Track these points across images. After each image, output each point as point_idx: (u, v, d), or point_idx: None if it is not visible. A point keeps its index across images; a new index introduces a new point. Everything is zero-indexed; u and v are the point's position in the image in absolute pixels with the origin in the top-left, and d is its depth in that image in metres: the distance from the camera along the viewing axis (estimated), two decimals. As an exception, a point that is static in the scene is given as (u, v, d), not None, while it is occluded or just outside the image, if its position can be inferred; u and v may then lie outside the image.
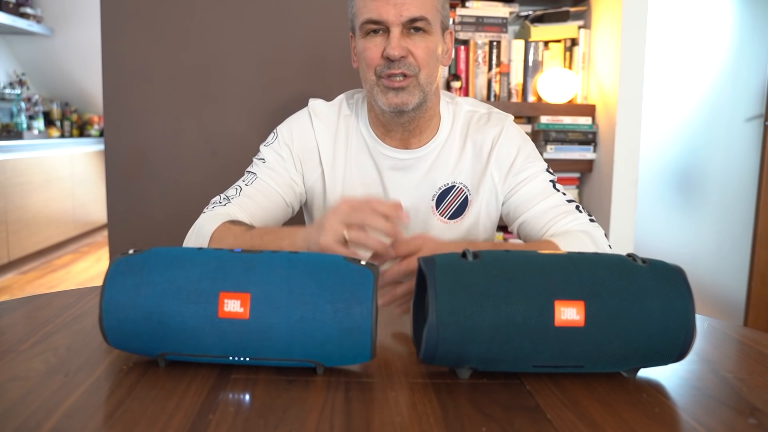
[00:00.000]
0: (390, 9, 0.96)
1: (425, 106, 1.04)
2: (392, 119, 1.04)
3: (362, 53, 1.01)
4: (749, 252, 2.46)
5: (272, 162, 1.09)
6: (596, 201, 2.33)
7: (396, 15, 0.96)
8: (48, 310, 0.86)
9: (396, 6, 0.96)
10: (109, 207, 1.75)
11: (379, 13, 0.97)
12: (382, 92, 1.01)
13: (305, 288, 0.63)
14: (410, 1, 0.96)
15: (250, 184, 1.07)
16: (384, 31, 0.99)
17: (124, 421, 0.55)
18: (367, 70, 1.01)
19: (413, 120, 1.05)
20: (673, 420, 0.59)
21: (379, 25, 0.98)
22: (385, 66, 0.99)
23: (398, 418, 0.57)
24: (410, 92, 1.00)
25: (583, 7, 2.37)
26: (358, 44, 1.02)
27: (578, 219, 1.04)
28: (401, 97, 1.00)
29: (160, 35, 1.70)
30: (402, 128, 1.06)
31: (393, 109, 1.01)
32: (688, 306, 0.65)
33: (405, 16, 0.97)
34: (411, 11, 0.97)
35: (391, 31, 0.97)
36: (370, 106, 1.08)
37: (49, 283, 3.60)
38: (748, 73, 2.47)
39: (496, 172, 1.09)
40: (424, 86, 1.01)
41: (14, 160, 3.70)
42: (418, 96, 1.01)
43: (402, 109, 1.01)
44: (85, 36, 4.62)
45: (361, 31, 1.00)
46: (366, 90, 1.05)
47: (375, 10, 0.97)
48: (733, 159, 2.56)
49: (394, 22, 0.97)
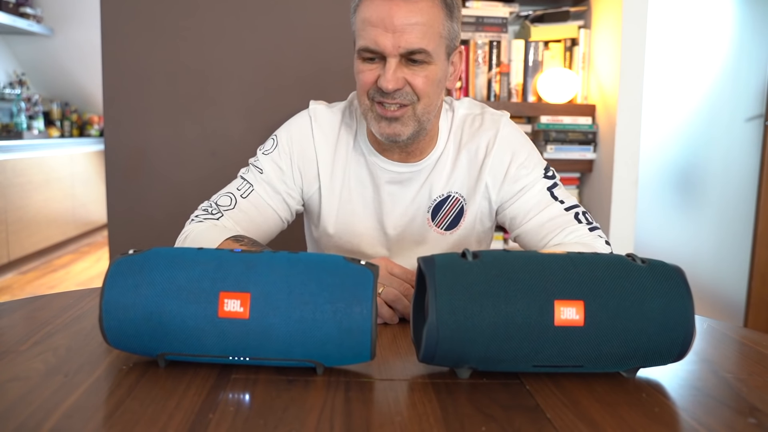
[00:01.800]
0: (388, 39, 0.89)
1: (422, 133, 0.99)
2: (388, 143, 1.00)
3: (357, 74, 0.96)
4: (749, 252, 2.46)
5: (270, 174, 1.05)
6: (596, 201, 2.33)
7: (393, 46, 0.90)
8: (48, 311, 0.86)
9: (395, 35, 0.89)
10: (109, 207, 1.75)
11: (376, 42, 0.90)
12: (375, 119, 0.96)
13: (305, 288, 0.63)
14: (410, 30, 0.89)
15: (245, 196, 1.03)
16: (380, 59, 0.93)
17: (124, 421, 0.55)
18: (361, 93, 0.96)
19: (410, 144, 1.01)
20: (673, 420, 0.59)
21: (376, 54, 0.92)
22: (377, 92, 0.93)
23: (398, 418, 0.57)
24: (404, 123, 0.95)
25: (583, 7, 2.37)
26: (355, 63, 0.97)
27: (576, 231, 1.00)
28: (394, 127, 0.95)
29: (160, 35, 1.70)
30: (399, 150, 1.03)
31: (385, 138, 0.97)
32: (687, 306, 0.65)
33: (403, 47, 0.90)
34: (410, 42, 0.90)
35: (388, 61, 0.91)
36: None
37: (49, 283, 3.60)
38: (748, 73, 2.47)
39: (490, 179, 1.06)
40: (420, 116, 0.95)
41: (14, 160, 3.70)
42: (413, 127, 0.95)
43: (395, 140, 0.96)
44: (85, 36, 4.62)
45: (358, 55, 0.95)
46: (361, 111, 1.00)
47: (372, 37, 0.90)
48: (733, 159, 2.56)
49: (391, 53, 0.90)
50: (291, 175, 1.07)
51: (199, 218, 1.02)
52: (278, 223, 1.07)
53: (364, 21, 0.92)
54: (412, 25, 0.89)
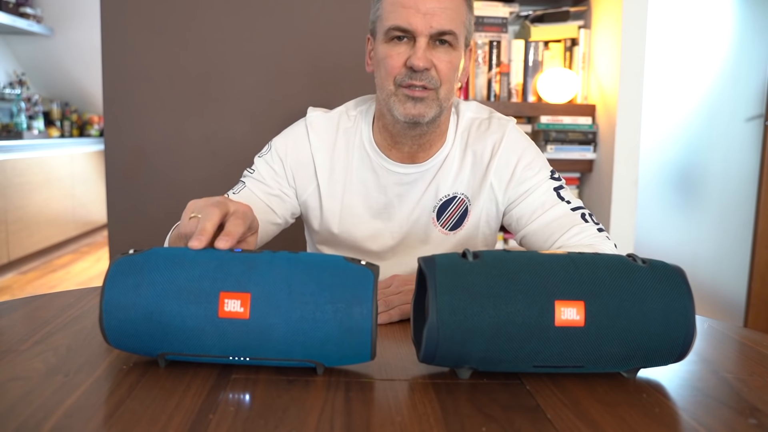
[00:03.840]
0: (420, 18, 0.93)
1: (439, 121, 1.01)
2: (404, 131, 1.01)
3: (383, 59, 0.98)
4: (749, 252, 2.46)
5: (263, 173, 1.08)
6: (596, 201, 2.33)
7: (425, 25, 0.93)
8: (48, 311, 0.86)
9: (426, 16, 0.93)
10: (109, 207, 1.75)
11: (409, 21, 0.93)
12: (400, 101, 0.97)
13: (305, 288, 0.63)
14: (441, 13, 0.93)
15: (237, 193, 1.06)
16: (409, 39, 0.95)
17: (124, 421, 0.55)
18: (386, 78, 0.98)
19: (425, 134, 1.02)
20: (673, 420, 0.59)
21: (406, 33, 0.95)
22: (406, 75, 0.95)
23: (398, 418, 0.57)
24: (428, 104, 0.97)
25: (583, 7, 2.37)
26: (379, 49, 0.98)
27: (584, 231, 1.00)
28: (419, 108, 0.97)
29: (160, 35, 1.70)
30: (412, 141, 1.03)
31: (409, 119, 0.98)
32: (688, 306, 0.65)
33: (435, 27, 0.93)
34: (441, 23, 0.93)
35: (418, 40, 0.94)
36: (380, 115, 1.05)
37: (49, 283, 3.60)
38: (748, 73, 2.47)
39: (495, 181, 1.07)
40: (442, 101, 0.98)
41: (14, 160, 3.70)
42: (435, 109, 0.98)
43: (418, 121, 0.98)
44: (85, 36, 4.62)
45: (385, 36, 0.96)
46: (380, 98, 1.01)
47: (404, 17, 0.93)
48: (733, 159, 2.56)
49: (422, 32, 0.93)
50: (284, 176, 1.09)
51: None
52: (271, 217, 1.07)
53: (395, 3, 0.95)
54: (443, 8, 0.94)
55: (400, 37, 0.96)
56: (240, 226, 0.72)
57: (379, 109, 1.05)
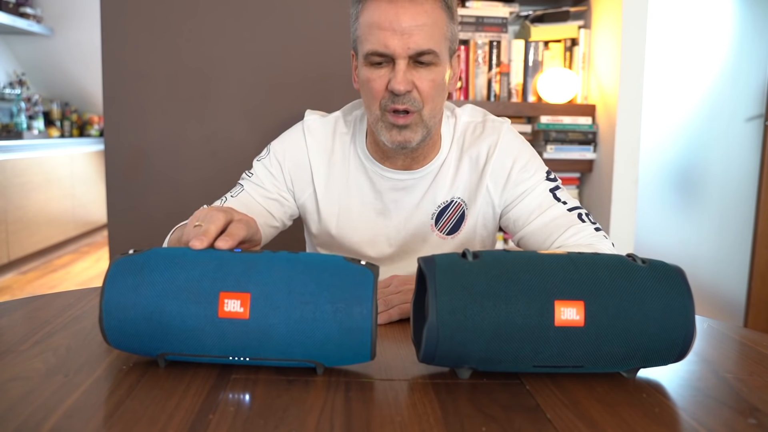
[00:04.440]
0: (397, 40, 0.91)
1: (428, 138, 1.01)
2: (395, 151, 1.02)
3: (366, 83, 0.97)
4: (749, 252, 2.46)
5: (261, 177, 1.08)
6: (596, 201, 2.33)
7: (403, 47, 0.91)
8: (48, 311, 0.86)
9: (403, 37, 0.90)
10: (109, 207, 1.75)
11: (386, 45, 0.91)
12: (386, 128, 0.97)
13: (305, 288, 0.63)
14: (418, 32, 0.91)
15: (235, 196, 1.06)
16: (389, 62, 0.93)
17: (124, 421, 0.55)
18: (372, 102, 0.97)
19: (416, 150, 1.03)
20: (673, 420, 0.59)
21: (384, 57, 0.93)
22: (389, 99, 0.95)
23: (398, 418, 0.57)
24: (413, 130, 0.96)
25: (583, 7, 2.37)
26: (362, 72, 0.98)
27: (582, 231, 1.00)
28: (404, 134, 0.96)
29: (160, 35, 1.70)
30: (404, 156, 1.04)
31: (396, 146, 0.98)
32: (687, 306, 0.65)
33: (412, 48, 0.91)
34: (419, 44, 0.91)
35: (397, 63, 0.92)
36: (371, 129, 1.04)
37: (49, 283, 3.60)
38: (748, 73, 2.47)
39: (491, 184, 1.07)
40: (427, 122, 0.97)
41: (14, 160, 3.70)
42: (421, 133, 0.97)
43: (405, 146, 0.98)
44: (85, 36, 4.63)
45: (365, 60, 0.95)
46: (369, 120, 1.01)
47: (381, 40, 0.91)
48: (733, 159, 2.56)
49: (400, 54, 0.91)
50: (282, 179, 1.09)
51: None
52: (269, 220, 1.08)
53: (371, 25, 0.93)
54: (420, 26, 0.91)
55: (379, 62, 0.94)
56: (242, 230, 0.73)
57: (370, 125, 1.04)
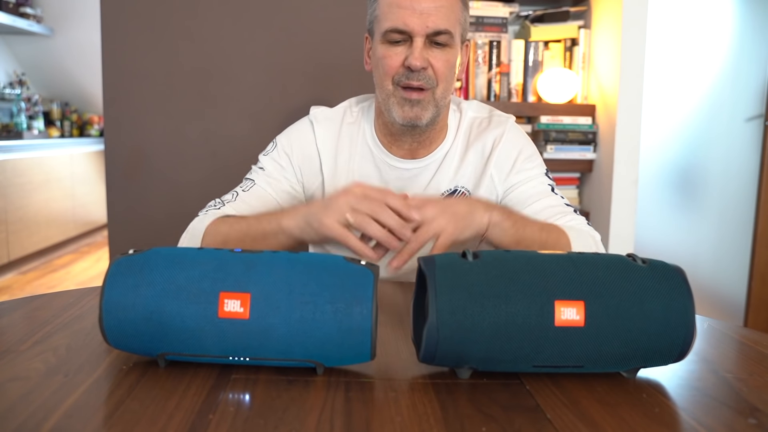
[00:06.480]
0: (416, 19, 0.95)
1: (437, 120, 1.04)
2: (403, 131, 1.04)
3: (381, 60, 1.00)
4: (749, 252, 2.46)
5: (271, 170, 1.09)
6: (596, 201, 2.33)
7: (421, 26, 0.95)
8: (48, 311, 0.86)
9: (422, 16, 0.95)
10: (109, 207, 1.75)
11: (405, 23, 0.95)
12: (398, 104, 1.00)
13: (305, 288, 0.63)
14: (436, 13, 0.95)
15: (247, 190, 1.07)
16: (406, 40, 0.97)
17: (124, 421, 0.55)
18: (385, 78, 1.00)
19: (424, 132, 1.05)
20: (673, 420, 0.59)
21: (403, 34, 0.97)
22: (403, 75, 0.98)
23: (398, 418, 0.57)
24: (425, 107, 1.00)
25: (583, 7, 2.37)
26: (377, 49, 1.01)
27: (576, 219, 1.04)
28: (416, 111, 0.99)
29: (160, 35, 1.70)
30: (411, 139, 1.06)
31: (407, 122, 1.00)
32: (688, 306, 0.65)
33: (431, 27, 0.95)
34: (437, 23, 0.95)
35: (414, 41, 0.96)
36: (379, 113, 1.07)
37: (49, 283, 3.60)
38: (748, 73, 2.47)
39: (495, 173, 1.09)
40: (438, 101, 1.01)
41: (14, 160, 3.70)
42: (432, 111, 1.00)
43: (415, 123, 1.00)
44: (85, 36, 4.62)
45: (383, 38, 0.99)
46: (380, 98, 1.03)
47: (401, 18, 0.95)
48: (733, 159, 2.56)
49: (419, 32, 0.95)
50: (291, 171, 1.10)
51: (204, 211, 1.06)
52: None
53: (391, 4, 0.97)
54: (438, 7, 0.96)
55: (398, 40, 0.98)
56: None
57: (378, 107, 1.07)
